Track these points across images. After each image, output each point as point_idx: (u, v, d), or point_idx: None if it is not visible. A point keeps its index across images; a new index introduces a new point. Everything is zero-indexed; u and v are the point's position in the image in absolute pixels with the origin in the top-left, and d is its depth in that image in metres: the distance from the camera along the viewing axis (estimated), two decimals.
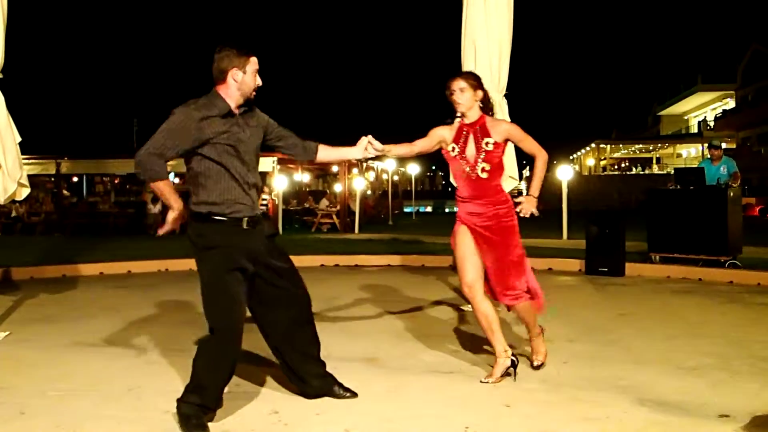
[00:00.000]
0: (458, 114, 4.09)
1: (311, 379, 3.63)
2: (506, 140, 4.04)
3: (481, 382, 3.96)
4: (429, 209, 42.07)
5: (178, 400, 3.32)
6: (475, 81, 4.08)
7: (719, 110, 48.37)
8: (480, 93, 4.06)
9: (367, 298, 7.07)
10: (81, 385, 3.99)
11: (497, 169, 4.02)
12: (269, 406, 3.56)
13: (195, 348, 4.84)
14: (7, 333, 5.38)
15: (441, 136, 4.10)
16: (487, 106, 4.12)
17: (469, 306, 6.34)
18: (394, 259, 10.20)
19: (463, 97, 4.01)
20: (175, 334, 5.35)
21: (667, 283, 8.11)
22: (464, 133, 4.06)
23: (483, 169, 3.96)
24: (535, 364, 4.25)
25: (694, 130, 50.28)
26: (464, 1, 6.14)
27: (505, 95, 6.18)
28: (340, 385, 3.69)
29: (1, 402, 3.67)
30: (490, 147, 3.97)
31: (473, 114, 4.05)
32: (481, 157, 3.96)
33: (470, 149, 4.01)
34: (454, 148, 4.06)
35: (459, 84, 4.02)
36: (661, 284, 7.99)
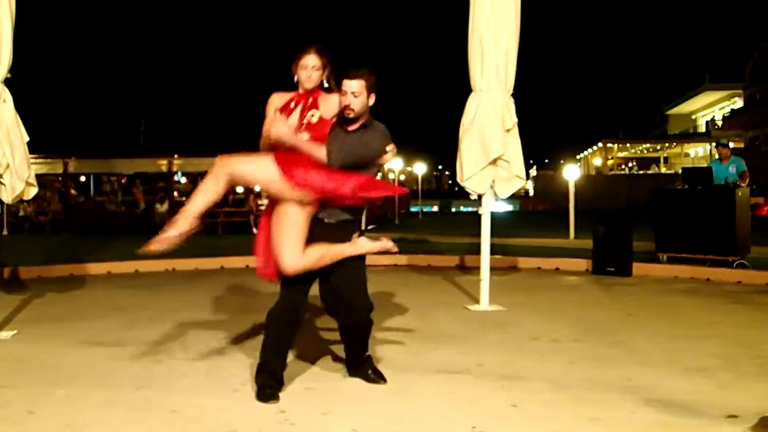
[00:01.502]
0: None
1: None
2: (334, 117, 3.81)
3: None
4: (435, 209, 42.05)
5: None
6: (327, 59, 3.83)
7: (727, 109, 48.17)
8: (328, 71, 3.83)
9: (374, 297, 7.02)
10: (89, 385, 4.00)
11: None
12: (276, 405, 3.56)
13: (201, 348, 4.88)
14: (15, 332, 5.41)
15: (275, 104, 3.86)
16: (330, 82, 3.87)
17: (476, 306, 6.36)
18: (401, 259, 10.18)
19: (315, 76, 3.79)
20: (183, 334, 5.37)
21: (674, 283, 8.08)
22: (293, 102, 3.84)
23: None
24: None
25: (702, 129, 50.05)
26: (471, 1, 6.13)
27: (513, 95, 6.18)
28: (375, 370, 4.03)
29: (9, 401, 3.68)
30: (314, 119, 3.76)
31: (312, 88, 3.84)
32: (303, 128, 3.75)
33: (292, 118, 3.79)
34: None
35: (314, 62, 3.77)
36: (668, 284, 7.96)
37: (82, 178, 28.16)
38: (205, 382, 4.04)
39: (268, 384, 3.70)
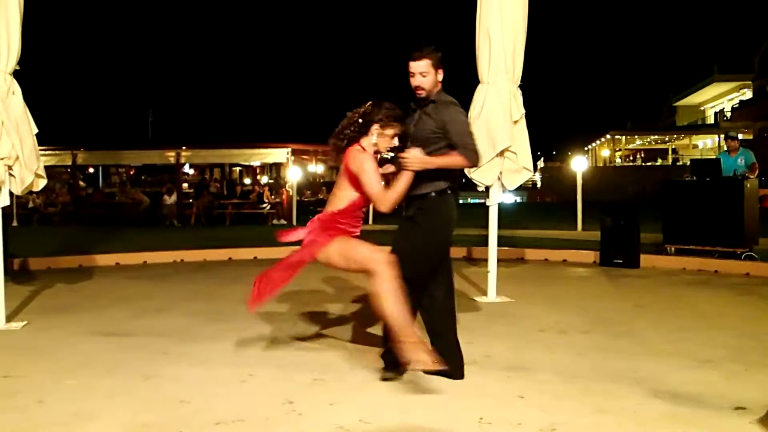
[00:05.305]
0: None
1: None
2: None
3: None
4: None
5: None
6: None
7: (736, 101, 47.83)
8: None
9: None
10: (97, 374, 4.03)
11: None
12: (283, 396, 3.58)
13: (208, 338, 4.91)
14: (25, 322, 5.45)
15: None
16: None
17: (483, 297, 6.37)
18: None
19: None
20: (190, 324, 5.40)
21: (682, 274, 8.06)
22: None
23: None
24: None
25: (711, 120, 49.76)
26: None
27: (520, 86, 6.16)
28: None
29: (19, 390, 3.72)
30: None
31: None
32: None
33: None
34: None
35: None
36: (676, 276, 7.94)
37: (91, 170, 28.25)
38: (213, 372, 4.06)
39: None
